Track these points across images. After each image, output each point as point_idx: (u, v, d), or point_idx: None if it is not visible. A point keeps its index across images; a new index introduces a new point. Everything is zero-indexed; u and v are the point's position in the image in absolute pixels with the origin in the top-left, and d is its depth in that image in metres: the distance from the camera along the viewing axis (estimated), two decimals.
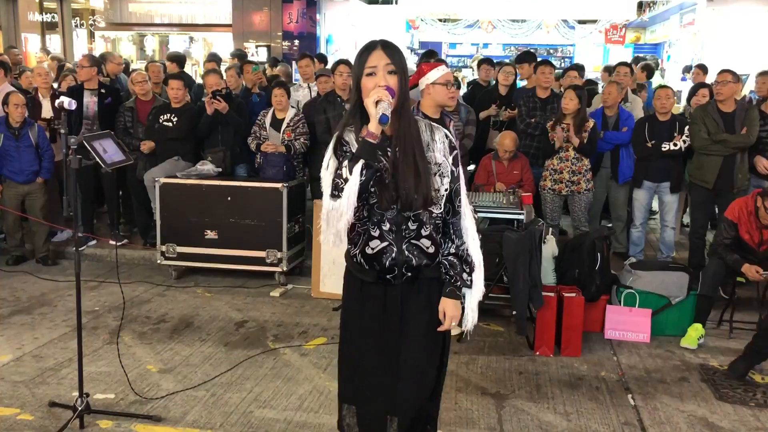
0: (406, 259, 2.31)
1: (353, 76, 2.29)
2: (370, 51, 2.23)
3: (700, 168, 5.71)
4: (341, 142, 2.27)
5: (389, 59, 2.21)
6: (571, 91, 5.84)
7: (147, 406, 3.69)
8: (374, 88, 2.18)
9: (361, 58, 2.24)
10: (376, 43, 2.25)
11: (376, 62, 2.21)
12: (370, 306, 2.38)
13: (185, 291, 5.73)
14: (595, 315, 4.93)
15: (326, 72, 6.60)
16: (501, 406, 3.84)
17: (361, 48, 2.29)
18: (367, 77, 2.22)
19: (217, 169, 6.09)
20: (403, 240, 2.30)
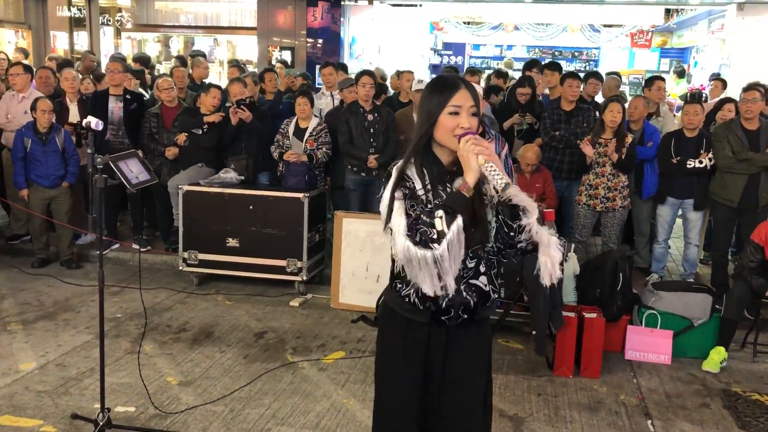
0: (464, 301, 2.20)
1: (426, 109, 2.17)
2: (454, 89, 2.13)
3: (724, 186, 5.63)
4: (404, 177, 2.15)
5: (473, 102, 2.14)
6: (617, 104, 5.75)
7: (167, 421, 3.73)
8: (457, 128, 2.11)
9: (442, 94, 2.14)
10: (458, 81, 2.17)
11: (462, 102, 2.12)
12: (414, 350, 2.26)
13: (206, 299, 5.78)
14: (616, 335, 4.89)
15: (350, 82, 6.60)
16: (519, 429, 3.83)
17: (438, 82, 2.21)
18: (449, 116, 2.12)
19: (240, 177, 6.13)
20: (461, 279, 2.18)
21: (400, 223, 2.09)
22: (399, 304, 2.25)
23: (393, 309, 2.29)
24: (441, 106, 2.13)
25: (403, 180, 2.15)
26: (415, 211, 2.09)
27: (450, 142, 2.12)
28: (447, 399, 2.29)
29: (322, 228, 6.15)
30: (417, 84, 6.52)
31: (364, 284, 5.53)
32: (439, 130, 2.13)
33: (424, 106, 2.19)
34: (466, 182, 2.05)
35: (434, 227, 2.03)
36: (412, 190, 2.13)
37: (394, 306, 2.28)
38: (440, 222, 2.03)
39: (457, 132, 2.10)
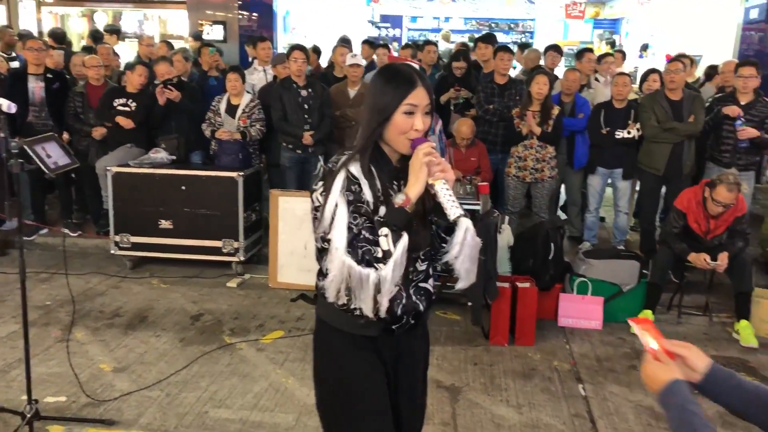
0: (414, 305, 2.07)
1: (378, 103, 1.95)
2: (411, 86, 1.93)
3: (650, 155, 5.80)
4: (351, 178, 1.93)
5: (429, 100, 1.96)
6: (543, 77, 5.82)
7: (100, 409, 3.66)
8: (411, 130, 1.93)
9: (398, 89, 1.93)
10: (415, 76, 1.96)
11: (418, 101, 1.93)
12: (374, 365, 2.11)
13: (140, 282, 5.65)
14: (549, 303, 5.02)
15: (283, 57, 6.49)
16: (455, 399, 3.90)
17: (393, 75, 1.98)
18: (403, 115, 1.93)
19: (171, 156, 5.98)
20: (411, 284, 2.05)
21: (341, 238, 1.88)
22: (348, 321, 2.03)
23: (336, 329, 2.09)
24: (395, 103, 1.93)
25: (350, 182, 1.93)
26: (358, 226, 1.89)
27: (400, 145, 1.96)
28: (402, 405, 2.21)
29: (258, 207, 6.07)
30: (351, 58, 6.47)
31: (302, 263, 5.51)
32: (391, 129, 1.95)
33: (375, 98, 1.97)
34: (408, 198, 1.87)
35: (378, 245, 1.87)
36: (357, 194, 1.92)
37: (340, 325, 2.07)
38: (386, 240, 1.87)
39: (411, 135, 1.94)
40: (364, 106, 2.03)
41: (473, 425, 3.63)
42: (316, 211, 1.96)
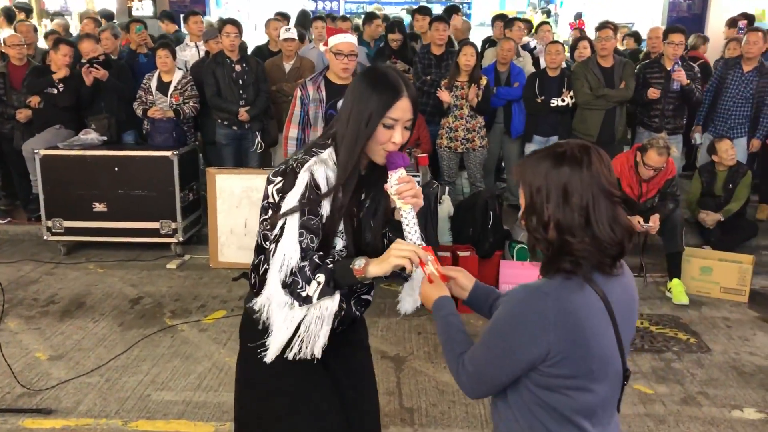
0: (353, 316, 2.01)
1: (363, 111, 1.81)
2: (396, 95, 1.80)
3: (584, 122, 5.93)
4: (312, 187, 1.80)
5: (412, 114, 1.84)
6: (470, 47, 5.84)
7: (36, 399, 3.55)
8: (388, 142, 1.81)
9: (382, 98, 1.80)
10: (401, 85, 1.82)
11: (400, 114, 1.81)
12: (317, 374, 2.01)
13: (76, 268, 5.49)
14: (490, 270, 5.10)
15: (215, 32, 6.33)
16: (400, 369, 3.95)
17: (380, 80, 1.84)
18: (383, 127, 1.81)
19: (102, 137, 5.80)
20: (353, 295, 1.99)
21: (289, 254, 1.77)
22: None
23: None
24: (380, 114, 1.80)
25: (309, 189, 1.80)
26: (302, 243, 1.78)
27: (375, 154, 1.85)
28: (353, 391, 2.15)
29: (195, 186, 5.95)
30: (285, 32, 6.36)
31: (243, 241, 5.44)
32: (375, 142, 1.83)
33: (360, 104, 1.83)
34: (365, 271, 1.75)
35: (308, 284, 1.76)
36: (313, 204, 1.80)
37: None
38: (315, 286, 1.76)
39: (389, 147, 1.83)
40: (344, 107, 1.88)
41: (417, 393, 3.69)
42: (268, 205, 1.85)
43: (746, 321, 4.66)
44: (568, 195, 1.47)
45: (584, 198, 1.47)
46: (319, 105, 4.25)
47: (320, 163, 1.82)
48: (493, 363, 1.55)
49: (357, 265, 1.76)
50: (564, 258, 1.49)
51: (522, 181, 1.56)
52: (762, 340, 4.37)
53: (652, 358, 4.10)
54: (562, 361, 1.47)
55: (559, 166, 1.48)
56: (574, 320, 1.46)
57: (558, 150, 1.52)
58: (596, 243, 1.47)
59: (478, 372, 1.57)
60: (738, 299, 4.95)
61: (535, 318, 1.45)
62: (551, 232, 1.50)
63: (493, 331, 1.54)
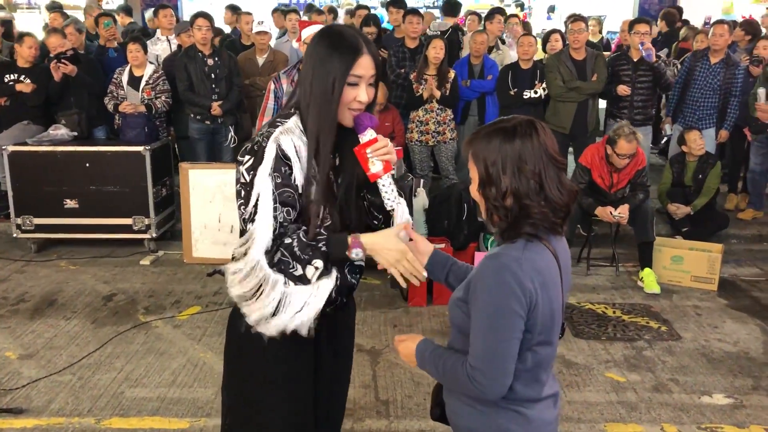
0: (349, 284, 1.97)
1: (324, 75, 1.78)
2: (356, 53, 1.78)
3: (557, 114, 5.97)
4: (281, 158, 1.77)
5: (375, 70, 1.82)
6: (439, 41, 5.86)
7: (6, 398, 3.51)
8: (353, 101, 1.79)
9: (343, 58, 1.77)
10: (360, 42, 1.80)
11: (363, 71, 1.79)
12: (304, 357, 1.99)
13: (47, 265, 5.42)
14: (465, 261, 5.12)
15: (186, 26, 6.26)
16: (376, 362, 3.96)
17: (338, 41, 1.81)
18: (347, 86, 1.79)
19: (72, 133, 5.71)
20: (346, 264, 1.94)
21: (263, 230, 1.74)
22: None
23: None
24: (344, 74, 1.77)
25: (279, 161, 1.77)
26: (278, 218, 1.76)
27: (344, 118, 1.82)
28: (335, 376, 2.16)
29: (168, 181, 5.90)
30: (258, 26, 6.32)
31: (217, 236, 5.41)
32: (343, 102, 1.81)
33: (322, 68, 1.79)
34: (359, 255, 1.78)
35: (298, 263, 1.77)
36: (286, 176, 1.77)
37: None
38: (313, 271, 1.77)
39: (354, 106, 1.80)
40: (304, 73, 1.84)
41: (393, 385, 3.70)
42: (241, 187, 1.80)
43: (716, 309, 4.75)
44: (523, 164, 1.59)
45: (537, 165, 1.59)
46: None
47: (286, 132, 1.79)
48: (497, 345, 1.58)
49: (354, 255, 1.78)
50: (524, 222, 1.61)
51: (474, 157, 1.66)
52: (731, 327, 4.45)
53: (624, 347, 4.16)
54: (534, 318, 1.59)
55: (512, 140, 1.60)
56: (542, 278, 1.60)
57: (507, 125, 1.63)
58: (549, 205, 1.60)
59: (488, 364, 1.59)
60: (708, 287, 5.03)
61: (514, 282, 1.56)
62: (508, 199, 1.61)
63: (482, 313, 1.59)
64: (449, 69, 5.90)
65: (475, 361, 1.60)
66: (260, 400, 2.01)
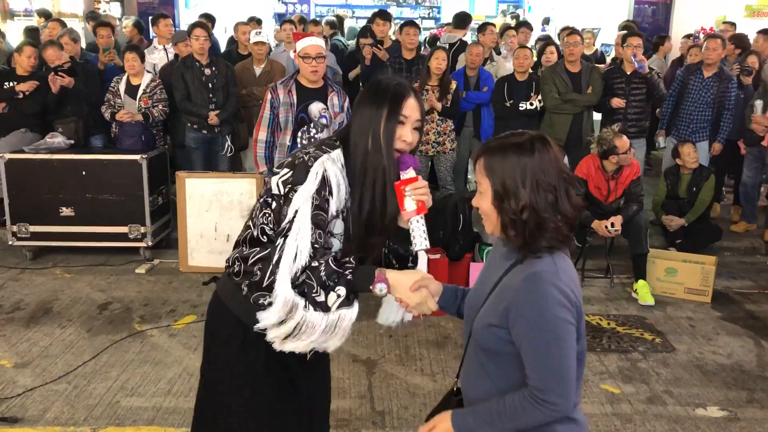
0: None
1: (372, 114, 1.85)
2: (405, 95, 1.87)
3: (552, 126, 6.02)
4: (326, 184, 1.80)
5: (421, 114, 1.91)
6: (442, 52, 5.90)
7: (1, 407, 3.49)
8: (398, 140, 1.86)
9: (393, 98, 1.86)
10: (406, 87, 1.90)
11: (410, 112, 1.87)
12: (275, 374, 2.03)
13: (42, 273, 5.41)
14: (460, 272, 5.14)
15: (184, 35, 6.29)
16: (372, 372, 3.96)
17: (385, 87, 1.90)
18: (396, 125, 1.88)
19: (69, 141, 5.71)
20: None
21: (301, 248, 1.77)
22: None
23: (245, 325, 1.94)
24: (395, 111, 1.85)
25: (322, 185, 1.80)
26: (314, 237, 1.79)
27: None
28: (317, 385, 2.20)
29: (165, 190, 5.90)
30: (255, 36, 6.35)
31: (213, 245, 5.41)
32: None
33: (373, 109, 1.87)
34: (386, 278, 1.80)
35: (322, 289, 1.78)
36: (324, 201, 1.80)
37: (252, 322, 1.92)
38: (335, 299, 1.78)
39: (398, 145, 1.87)
40: (354, 118, 1.91)
41: (389, 396, 3.71)
42: (271, 198, 1.84)
43: (709, 321, 4.78)
44: (542, 178, 1.61)
45: (553, 179, 1.62)
46: (289, 109, 4.26)
47: (332, 161, 1.83)
48: (561, 360, 1.58)
49: (378, 290, 1.81)
50: (541, 235, 1.62)
51: (489, 170, 1.66)
52: (724, 340, 4.48)
53: (618, 358, 4.18)
54: (580, 326, 1.64)
55: (531, 154, 1.62)
56: (577, 286, 1.65)
57: (521, 140, 1.65)
58: (563, 219, 1.63)
59: (558, 381, 1.58)
60: (701, 299, 5.07)
61: (559, 293, 1.58)
62: (525, 213, 1.62)
63: (536, 333, 1.58)
64: (451, 80, 5.94)
65: (543, 383, 1.58)
66: (222, 409, 2.06)
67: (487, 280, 1.78)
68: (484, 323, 1.70)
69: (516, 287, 1.61)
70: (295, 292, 1.77)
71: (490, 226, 1.71)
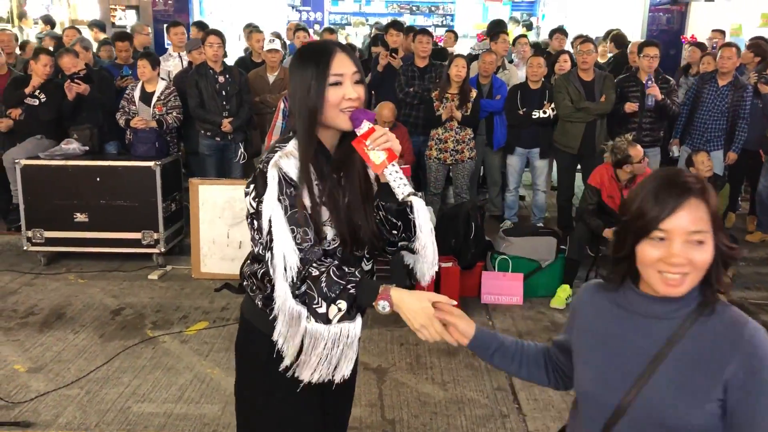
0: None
1: (303, 86, 1.75)
2: (329, 54, 1.75)
3: (565, 134, 6.00)
4: (286, 180, 1.73)
5: (356, 66, 1.78)
6: (461, 59, 5.92)
7: (14, 411, 3.52)
8: (343, 100, 1.74)
9: (320, 62, 1.74)
10: (331, 45, 1.81)
11: (342, 69, 1.75)
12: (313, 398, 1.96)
13: (56, 278, 5.45)
14: (472, 281, 5.14)
15: (198, 43, 6.34)
16: (382, 380, 3.95)
17: (308, 49, 1.84)
18: (332, 87, 1.74)
19: (84, 147, 5.77)
20: None
21: (282, 253, 1.70)
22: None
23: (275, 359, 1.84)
24: (322, 78, 1.74)
25: (286, 184, 1.73)
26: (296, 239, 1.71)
27: (339, 121, 1.77)
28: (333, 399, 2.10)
29: (178, 196, 5.94)
30: (269, 43, 6.39)
31: (226, 252, 5.43)
32: (325, 109, 1.76)
33: (299, 82, 1.77)
34: (389, 295, 1.69)
35: (324, 300, 1.69)
36: (293, 198, 1.73)
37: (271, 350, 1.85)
38: (336, 312, 1.69)
39: (344, 105, 1.75)
40: (290, 97, 1.85)
41: (399, 404, 3.70)
42: (250, 218, 1.79)
43: None
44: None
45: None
46: None
47: (286, 155, 1.75)
48: None
49: (380, 308, 1.70)
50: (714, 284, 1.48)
51: (715, 222, 1.44)
52: None
53: None
54: None
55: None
56: None
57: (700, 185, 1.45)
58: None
59: None
60: None
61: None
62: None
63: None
64: (471, 88, 5.94)
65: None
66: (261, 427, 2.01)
67: (627, 349, 1.51)
68: (686, 403, 1.43)
69: (736, 346, 1.40)
70: (296, 302, 1.72)
71: (687, 285, 1.43)
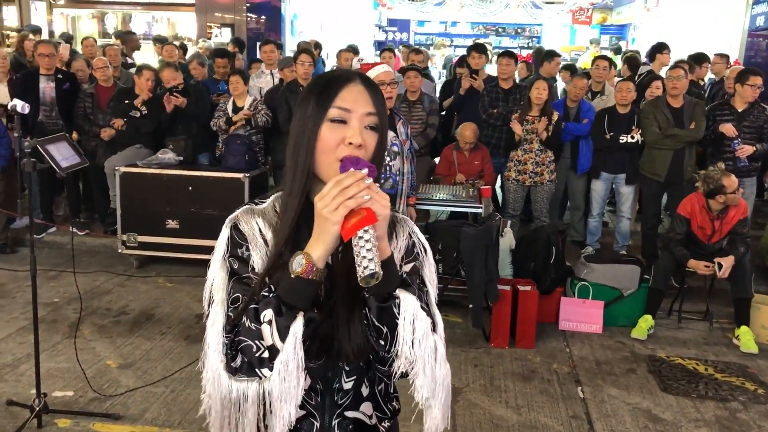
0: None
1: (299, 124, 1.33)
2: (341, 82, 1.32)
3: (652, 161, 5.85)
4: (236, 239, 1.38)
5: (373, 107, 1.31)
6: (543, 82, 5.90)
7: (106, 404, 3.73)
8: (341, 144, 1.29)
9: (324, 90, 1.31)
10: (350, 74, 1.35)
11: (351, 104, 1.30)
12: None
13: (146, 281, 5.73)
14: (550, 306, 5.07)
15: (289, 61, 6.56)
16: (455, 400, 3.95)
17: (321, 77, 1.39)
18: (331, 124, 1.29)
19: (178, 157, 6.06)
20: (335, 411, 1.40)
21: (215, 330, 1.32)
22: None
23: None
24: (322, 110, 1.30)
25: (234, 244, 1.37)
26: (236, 310, 1.31)
27: (332, 172, 1.26)
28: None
29: None
30: (357, 63, 6.55)
31: None
32: (317, 154, 1.31)
33: (298, 118, 1.34)
34: (309, 261, 1.21)
35: (262, 339, 1.24)
36: (243, 260, 1.36)
37: None
38: (269, 331, 1.23)
39: (341, 153, 1.28)
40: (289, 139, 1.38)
41: (472, 425, 3.69)
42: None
43: None
44: None
45: None
46: None
47: (249, 213, 1.40)
48: None
49: (297, 266, 1.22)
50: None
51: None
52: None
53: (716, 407, 3.98)
54: None
55: None
56: None
57: None
58: None
59: None
60: None
61: None
62: None
63: None
64: (553, 111, 5.90)
65: None
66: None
67: None
68: None
69: None
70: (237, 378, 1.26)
71: None
